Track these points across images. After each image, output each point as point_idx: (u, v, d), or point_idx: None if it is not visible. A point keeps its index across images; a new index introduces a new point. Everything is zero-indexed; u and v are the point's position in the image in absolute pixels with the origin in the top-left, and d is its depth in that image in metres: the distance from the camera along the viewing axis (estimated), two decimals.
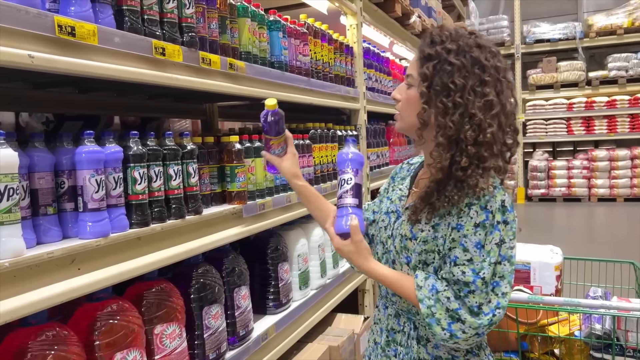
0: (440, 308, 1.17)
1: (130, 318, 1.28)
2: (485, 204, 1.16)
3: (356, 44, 2.97)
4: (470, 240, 1.17)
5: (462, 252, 1.17)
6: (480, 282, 1.15)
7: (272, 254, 2.05)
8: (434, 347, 1.27)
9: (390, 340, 1.35)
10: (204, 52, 1.56)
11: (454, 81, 1.18)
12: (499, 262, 1.17)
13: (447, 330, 1.16)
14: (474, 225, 1.16)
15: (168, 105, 2.76)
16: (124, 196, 1.29)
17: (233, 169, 1.73)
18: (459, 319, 1.16)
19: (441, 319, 1.17)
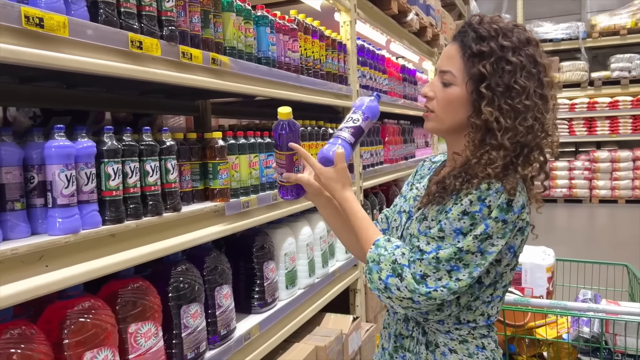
0: (389, 259, 1.17)
1: (102, 316, 1.25)
2: (485, 197, 1.13)
3: (350, 41, 2.94)
4: (450, 224, 1.14)
5: (437, 229, 1.16)
6: (432, 256, 1.14)
7: (257, 252, 2.02)
8: (442, 354, 1.24)
9: (398, 346, 1.32)
10: (184, 47, 1.53)
11: (517, 81, 1.15)
12: (472, 252, 1.13)
13: (383, 281, 1.16)
14: (461, 212, 1.14)
15: (159, 102, 2.73)
16: (97, 192, 1.27)
17: (215, 165, 1.71)
18: (400, 274, 1.15)
19: (384, 268, 1.17)
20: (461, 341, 1.24)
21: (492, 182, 1.13)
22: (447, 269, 1.13)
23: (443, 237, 1.15)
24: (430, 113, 1.27)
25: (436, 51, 5.25)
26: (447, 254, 1.13)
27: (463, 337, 1.24)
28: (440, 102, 1.24)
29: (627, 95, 9.71)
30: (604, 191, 9.91)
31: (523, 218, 1.16)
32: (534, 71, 1.16)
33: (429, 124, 1.29)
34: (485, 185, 1.14)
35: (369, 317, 3.14)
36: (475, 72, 1.17)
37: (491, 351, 1.25)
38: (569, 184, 10.14)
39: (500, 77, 1.15)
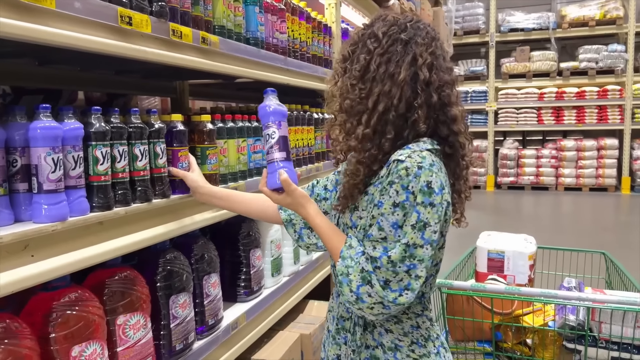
0: (357, 269, 1.17)
1: (89, 308, 1.18)
2: (407, 184, 1.13)
3: (334, 23, 2.88)
4: (386, 220, 1.15)
5: (377, 230, 1.16)
6: (385, 260, 1.14)
7: (243, 239, 1.97)
8: (379, 334, 1.27)
9: (340, 327, 1.34)
10: (174, 24, 1.45)
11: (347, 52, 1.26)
12: (419, 245, 1.13)
13: (354, 293, 1.16)
14: (392, 205, 1.14)
15: (136, 82, 2.62)
16: (85, 177, 1.19)
17: (204, 150, 1.64)
18: (369, 281, 1.15)
19: (353, 280, 1.16)
20: (396, 322, 1.26)
21: (408, 168, 1.13)
22: (405, 270, 1.14)
23: (385, 236, 1.15)
24: None
25: None
26: (398, 254, 1.14)
27: (398, 317, 1.26)
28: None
29: (594, 86, 9.96)
30: (570, 179, 10.20)
31: (446, 199, 1.17)
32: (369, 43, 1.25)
33: None
34: (403, 171, 1.14)
35: None
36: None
37: (426, 329, 1.28)
38: (536, 171, 10.39)
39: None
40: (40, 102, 2.26)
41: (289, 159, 1.27)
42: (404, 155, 1.16)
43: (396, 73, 1.19)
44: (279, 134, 1.26)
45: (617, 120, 9.91)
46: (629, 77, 9.71)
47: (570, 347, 1.89)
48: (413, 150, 1.17)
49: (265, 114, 1.28)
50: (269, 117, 1.27)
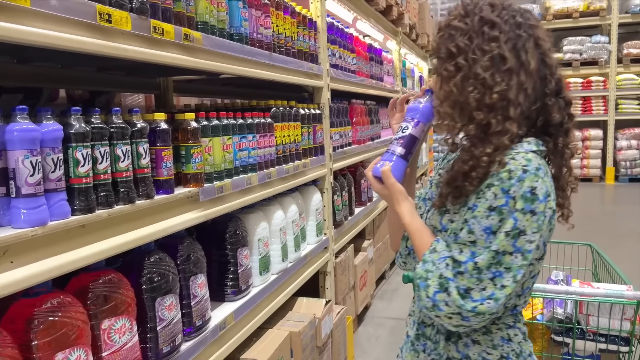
0: (436, 275, 1.09)
1: (72, 313, 1.16)
2: (509, 188, 1.04)
3: (320, 18, 2.85)
4: (479, 223, 1.06)
5: (467, 233, 1.08)
6: (471, 266, 1.06)
7: (230, 238, 1.95)
8: (464, 345, 1.18)
9: (420, 334, 1.27)
10: (155, 21, 1.42)
11: (456, 44, 1.11)
12: (509, 252, 1.05)
13: (431, 299, 1.09)
14: (487, 208, 1.06)
15: (118, 79, 2.57)
16: (65, 180, 1.16)
17: (188, 149, 1.61)
18: (446, 289, 1.07)
19: (431, 285, 1.09)
20: (484, 332, 1.17)
21: (512, 171, 1.05)
22: (490, 277, 1.05)
23: (474, 240, 1.07)
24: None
25: (400, 30, 5.22)
26: (486, 261, 1.05)
27: (487, 327, 1.17)
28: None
29: (578, 77, 10.03)
30: None
31: (551, 207, 1.08)
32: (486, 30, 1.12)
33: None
34: (505, 174, 1.05)
35: (338, 300, 3.13)
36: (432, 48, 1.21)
37: (518, 343, 1.18)
38: None
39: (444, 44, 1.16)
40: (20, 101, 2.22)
41: (404, 158, 1.23)
42: (508, 156, 1.07)
43: (526, 62, 1.10)
44: (410, 132, 1.24)
45: (601, 111, 10.01)
46: (613, 69, 9.80)
47: (558, 339, 1.91)
48: (517, 152, 1.08)
49: (413, 108, 1.27)
50: (415, 112, 1.26)
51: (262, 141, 2.11)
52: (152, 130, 1.46)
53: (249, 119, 2.01)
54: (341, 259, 3.19)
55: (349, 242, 3.44)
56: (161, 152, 1.47)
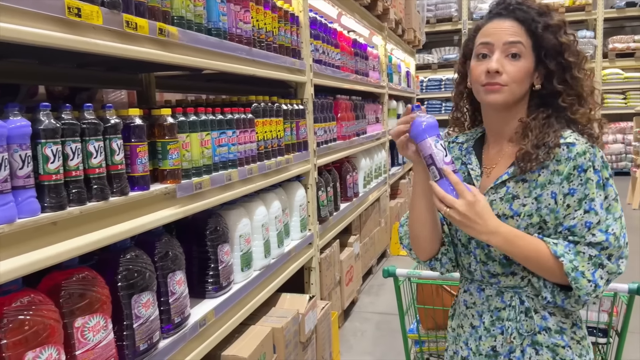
0: (582, 259, 1.20)
1: (44, 312, 1.14)
2: (593, 165, 1.21)
3: (302, 13, 2.84)
4: (595, 203, 1.21)
5: (591, 215, 1.21)
6: (613, 239, 1.20)
7: (211, 235, 1.93)
8: (542, 319, 1.29)
9: (495, 319, 1.33)
10: (128, 15, 1.40)
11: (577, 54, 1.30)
12: (621, 215, 1.23)
13: (592, 282, 1.19)
14: (597, 186, 1.21)
15: (99, 75, 2.55)
16: (34, 177, 1.14)
17: (165, 145, 1.60)
18: (600, 264, 1.19)
19: (585, 270, 1.19)
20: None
21: (586, 152, 1.21)
22: (624, 241, 1.22)
23: (599, 220, 1.21)
24: (501, 87, 1.26)
25: (386, 26, 5.21)
26: (619, 229, 1.21)
27: None
28: (513, 74, 1.25)
29: None
30: None
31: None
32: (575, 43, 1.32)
33: (500, 97, 1.26)
34: (587, 155, 1.21)
35: (323, 295, 3.14)
36: (551, 45, 1.26)
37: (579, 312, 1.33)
38: None
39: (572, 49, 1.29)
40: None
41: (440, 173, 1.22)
42: (570, 138, 1.25)
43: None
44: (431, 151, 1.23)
45: None
46: (598, 63, 9.87)
47: None
48: (571, 132, 1.27)
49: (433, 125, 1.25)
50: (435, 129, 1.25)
51: (243, 137, 2.10)
52: (126, 126, 1.45)
53: (229, 115, 1.99)
54: (326, 254, 3.19)
55: (334, 237, 3.44)
56: (136, 148, 1.46)
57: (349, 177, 3.80)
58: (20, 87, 2.37)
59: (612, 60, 9.92)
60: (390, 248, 5.30)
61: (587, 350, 1.32)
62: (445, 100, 11.09)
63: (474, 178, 1.36)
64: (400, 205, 5.76)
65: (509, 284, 1.31)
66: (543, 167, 1.25)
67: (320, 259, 3.08)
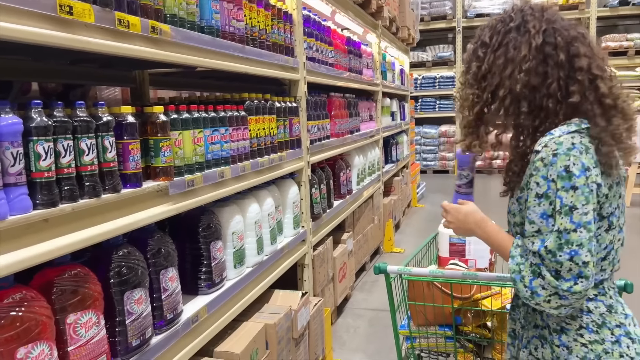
0: (526, 265, 1.21)
1: (36, 308, 1.15)
2: (546, 174, 1.18)
3: (295, 10, 2.84)
4: (534, 212, 1.20)
5: (529, 224, 1.22)
6: (544, 251, 1.17)
7: (203, 232, 1.94)
8: (547, 315, 1.30)
9: (514, 305, 1.44)
10: (120, 13, 1.40)
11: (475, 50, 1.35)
12: (571, 230, 1.15)
13: (528, 288, 1.20)
14: (535, 196, 1.20)
15: (92, 72, 2.55)
16: (26, 174, 1.15)
17: (157, 142, 1.60)
18: (540, 273, 1.18)
19: (525, 275, 1.21)
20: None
21: (544, 158, 1.19)
22: (568, 258, 1.15)
23: (538, 229, 1.20)
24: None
25: (380, 23, 5.22)
26: (554, 242, 1.16)
27: None
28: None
29: None
30: None
31: (593, 180, 1.18)
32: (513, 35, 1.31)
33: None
34: (539, 162, 1.19)
35: (316, 291, 3.15)
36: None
37: (600, 315, 1.25)
38: (503, 155, 10.57)
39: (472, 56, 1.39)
40: None
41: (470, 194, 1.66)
42: (541, 144, 1.21)
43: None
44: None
45: None
46: None
47: None
48: (551, 137, 1.21)
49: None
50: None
51: (236, 134, 2.10)
52: (118, 124, 1.45)
53: (221, 112, 2.00)
54: (319, 251, 3.20)
55: (327, 234, 3.45)
56: (128, 145, 1.47)
57: (342, 175, 3.81)
58: (13, 84, 2.37)
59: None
60: (384, 245, 5.33)
61: (598, 355, 1.23)
62: (439, 97, 11.13)
63: None
64: (394, 202, 5.79)
65: None
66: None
67: (313, 256, 3.09)
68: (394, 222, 5.78)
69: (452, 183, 1.74)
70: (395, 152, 6.30)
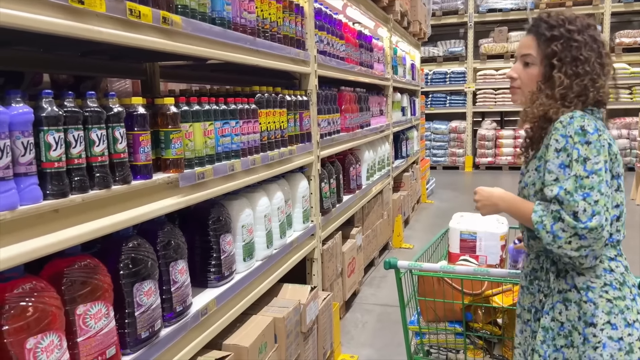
0: (548, 215, 1.40)
1: (45, 299, 1.15)
2: (564, 132, 1.40)
3: (307, 3, 2.82)
4: (553, 163, 1.41)
5: (548, 175, 1.42)
6: (563, 193, 1.37)
7: (213, 225, 1.94)
8: (571, 278, 1.45)
9: (532, 279, 1.57)
10: (132, 3, 1.39)
11: (582, 54, 1.48)
12: (584, 176, 1.36)
13: (550, 232, 1.38)
14: (555, 151, 1.41)
15: (103, 64, 2.55)
16: (37, 164, 1.14)
17: (168, 134, 1.59)
18: (560, 217, 1.36)
19: (547, 223, 1.39)
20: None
21: (562, 121, 1.42)
22: (582, 198, 1.35)
23: (556, 177, 1.40)
24: (515, 89, 1.60)
25: (391, 17, 5.19)
26: (571, 185, 1.36)
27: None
28: (523, 79, 1.57)
29: None
30: None
31: (605, 138, 1.42)
32: (595, 47, 1.50)
33: (515, 97, 1.62)
34: (558, 124, 1.42)
35: (325, 286, 3.15)
36: (549, 51, 1.51)
37: (621, 274, 1.45)
38: (513, 152, 10.49)
39: (570, 51, 1.49)
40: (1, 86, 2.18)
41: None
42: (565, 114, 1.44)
43: None
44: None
45: None
46: None
47: None
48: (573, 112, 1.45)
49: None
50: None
51: (246, 127, 2.09)
52: (129, 115, 1.45)
53: (232, 105, 1.99)
54: (328, 245, 3.19)
55: (337, 229, 3.44)
56: (139, 137, 1.46)
57: (352, 169, 3.79)
58: (25, 75, 2.38)
59: (619, 55, 9.85)
60: (393, 240, 5.31)
61: (621, 310, 1.41)
62: (450, 93, 11.05)
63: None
64: (403, 198, 5.76)
65: (540, 247, 1.52)
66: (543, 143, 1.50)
67: (322, 251, 3.08)
68: (403, 218, 5.76)
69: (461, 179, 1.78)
70: (406, 147, 6.27)
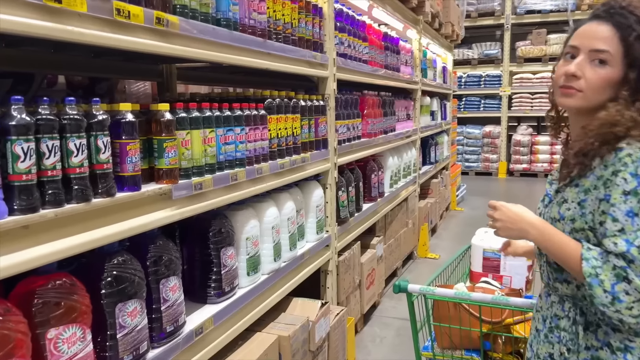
0: (607, 269, 1.13)
1: (9, 324, 1.06)
2: (635, 170, 1.13)
3: (326, 4, 2.69)
4: (619, 209, 1.14)
5: (612, 222, 1.15)
6: (635, 251, 1.10)
7: (214, 237, 1.83)
8: (604, 334, 1.21)
9: (553, 326, 1.32)
10: (119, 2, 1.30)
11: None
12: None
13: (609, 293, 1.12)
14: (622, 194, 1.14)
15: (116, 65, 2.48)
16: (2, 176, 1.06)
17: (161, 142, 1.49)
18: (625, 277, 1.11)
19: (605, 280, 1.13)
20: None
21: (632, 153, 1.14)
22: None
23: (622, 228, 1.13)
24: (576, 92, 1.25)
25: (421, 19, 5.01)
26: None
27: None
28: (591, 81, 1.23)
29: None
30: None
31: None
32: None
33: (571, 101, 1.27)
34: (627, 157, 1.14)
35: (340, 299, 3.01)
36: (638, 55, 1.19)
37: None
38: (550, 158, 10.10)
39: None
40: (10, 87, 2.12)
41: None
42: (622, 143, 1.16)
43: None
44: None
45: None
46: None
47: None
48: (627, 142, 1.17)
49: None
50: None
51: (253, 134, 1.98)
52: (116, 122, 1.35)
53: (237, 111, 1.88)
54: (345, 257, 3.05)
55: (355, 239, 3.30)
56: (126, 146, 1.36)
57: (373, 177, 3.64)
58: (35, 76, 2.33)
59: None
60: (418, 250, 5.12)
61: None
62: (484, 97, 10.74)
63: (550, 182, 1.40)
64: (430, 205, 5.56)
65: (567, 292, 1.29)
66: (593, 172, 1.21)
67: (338, 262, 2.95)
68: (430, 226, 5.56)
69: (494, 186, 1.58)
70: (434, 152, 6.06)
